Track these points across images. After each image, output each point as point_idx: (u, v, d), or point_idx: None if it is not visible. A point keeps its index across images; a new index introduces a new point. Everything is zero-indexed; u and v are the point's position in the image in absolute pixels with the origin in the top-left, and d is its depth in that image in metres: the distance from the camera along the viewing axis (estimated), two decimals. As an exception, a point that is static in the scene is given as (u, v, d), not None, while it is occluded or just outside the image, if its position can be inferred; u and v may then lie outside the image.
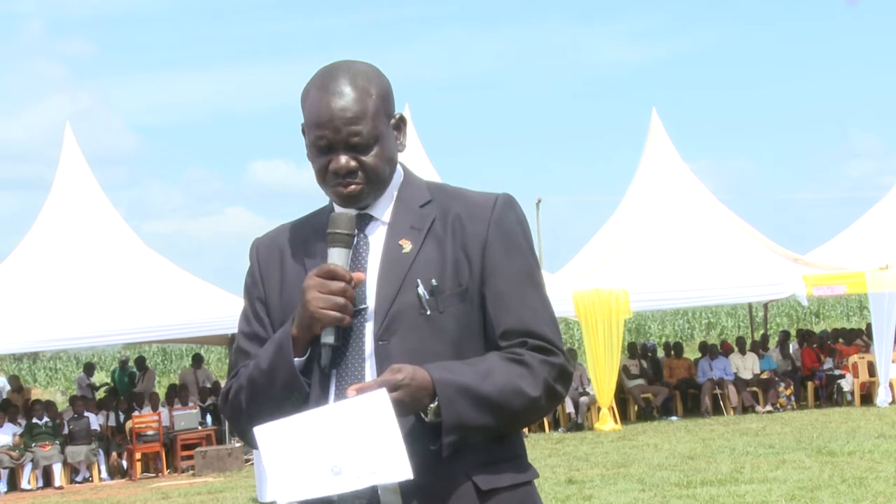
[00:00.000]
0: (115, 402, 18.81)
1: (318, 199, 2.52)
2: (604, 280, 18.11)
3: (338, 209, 2.41)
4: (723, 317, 46.28)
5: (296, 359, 2.30)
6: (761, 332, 25.20)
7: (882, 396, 18.30)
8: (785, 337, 22.68)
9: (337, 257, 2.33)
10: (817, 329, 28.93)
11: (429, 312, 2.30)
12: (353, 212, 2.38)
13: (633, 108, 76.75)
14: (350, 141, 2.33)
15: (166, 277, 17.75)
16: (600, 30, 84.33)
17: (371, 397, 2.14)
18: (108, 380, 23.12)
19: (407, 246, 2.36)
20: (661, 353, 22.20)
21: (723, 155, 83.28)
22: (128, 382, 21.37)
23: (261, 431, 2.18)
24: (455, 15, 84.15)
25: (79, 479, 16.99)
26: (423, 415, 2.22)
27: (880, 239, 20.83)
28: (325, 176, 2.37)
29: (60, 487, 16.46)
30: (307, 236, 2.44)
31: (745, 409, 19.20)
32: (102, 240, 17.84)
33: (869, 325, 20.08)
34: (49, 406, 18.05)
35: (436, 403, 2.22)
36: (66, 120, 19.68)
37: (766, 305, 27.26)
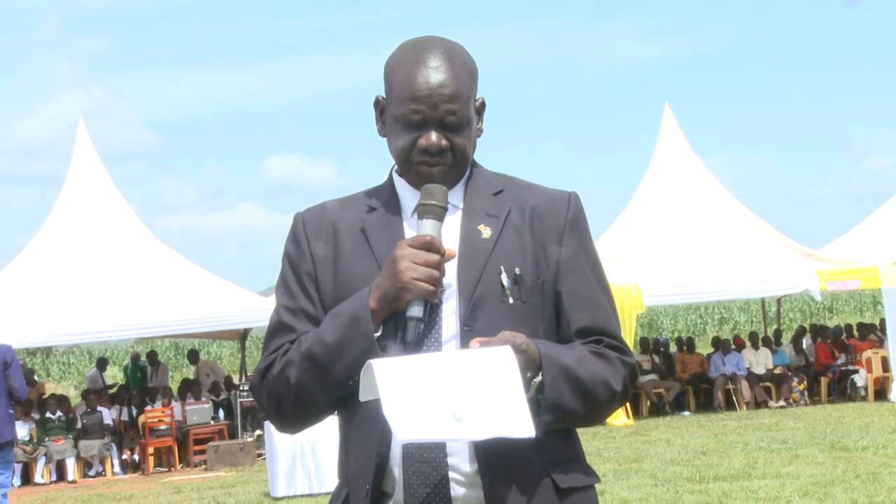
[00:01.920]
0: (127, 397, 18.86)
1: (333, 194, 2.48)
2: (616, 275, 18.05)
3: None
4: (736, 312, 46.15)
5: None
6: (774, 327, 25.13)
7: (896, 391, 18.23)
8: (801, 332, 22.61)
9: (431, 229, 2.24)
10: (830, 324, 28.81)
11: (511, 301, 2.26)
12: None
13: (645, 103, 76.65)
14: (446, 119, 2.28)
15: (178, 273, 17.77)
16: (613, 26, 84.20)
17: (497, 352, 2.10)
18: (121, 376, 23.18)
19: (486, 232, 2.31)
20: (673, 348, 22.15)
21: (736, 150, 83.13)
22: (140, 377, 21.43)
23: (378, 365, 2.06)
24: (469, 12, 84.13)
25: (92, 473, 17.05)
26: None
27: (894, 234, 20.76)
28: (410, 153, 2.30)
29: (73, 482, 16.52)
30: (369, 211, 2.36)
31: (758, 405, 19.15)
32: (115, 235, 17.87)
33: (882, 321, 20.01)
34: (62, 400, 18.12)
35: (539, 378, 2.19)
36: (80, 115, 19.70)
37: (779, 300, 27.16)
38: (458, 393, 2.04)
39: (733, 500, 9.80)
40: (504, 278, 2.26)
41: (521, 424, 2.04)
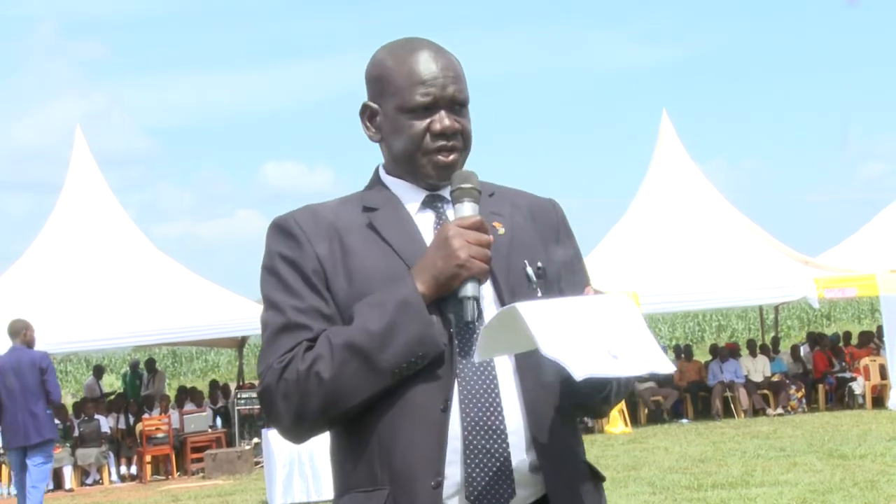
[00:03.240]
0: (125, 405, 18.83)
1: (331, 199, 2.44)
2: (614, 282, 18.05)
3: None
4: (733, 319, 46.18)
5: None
6: (772, 334, 25.13)
7: (894, 399, 18.21)
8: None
9: (472, 211, 2.24)
10: (828, 332, 28.84)
11: (539, 293, 2.26)
12: None
13: (643, 110, 76.73)
14: (456, 97, 2.30)
15: (176, 280, 17.77)
16: (610, 31, 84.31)
17: (618, 298, 2.14)
18: (119, 384, 23.10)
19: (501, 229, 2.32)
20: (671, 356, 22.16)
21: (733, 157, 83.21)
22: (138, 385, 21.40)
23: (524, 308, 2.02)
24: (465, 16, 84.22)
25: (89, 481, 17.03)
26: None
27: (892, 241, 20.78)
28: (423, 140, 2.30)
29: (71, 490, 16.48)
30: (366, 210, 2.33)
31: (756, 412, 19.14)
32: (113, 242, 17.87)
33: (880, 328, 20.01)
34: (59, 408, 18.07)
35: None
36: (77, 122, 19.70)
37: (776, 308, 27.18)
38: (604, 332, 2.04)
39: (731, 508, 9.78)
40: (529, 271, 2.29)
41: (664, 361, 2.07)
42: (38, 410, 10.43)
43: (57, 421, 17.08)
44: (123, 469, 17.49)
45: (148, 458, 16.97)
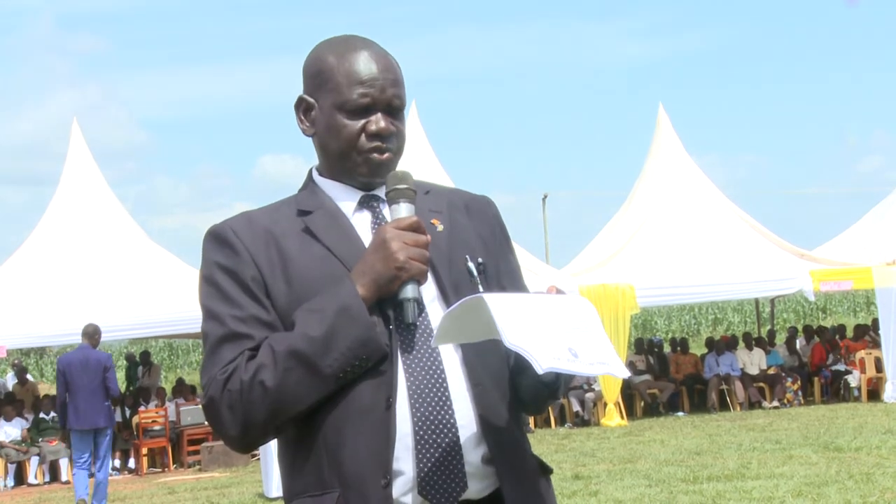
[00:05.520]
0: (121, 398, 18.81)
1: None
2: (610, 275, 18.08)
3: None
4: (729, 312, 46.22)
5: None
6: (768, 327, 25.17)
7: (889, 392, 18.25)
8: (794, 332, 22.63)
9: (408, 212, 2.23)
10: (825, 324, 28.87)
11: (481, 288, 2.26)
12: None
13: (639, 104, 76.75)
14: (393, 102, 2.29)
15: (173, 273, 17.75)
16: (607, 26, 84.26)
17: (581, 300, 2.17)
18: (121, 376, 23.11)
19: (439, 226, 2.32)
20: (667, 349, 22.19)
21: (729, 150, 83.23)
22: (135, 377, 21.38)
23: (490, 298, 2.02)
24: (462, 12, 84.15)
25: (85, 473, 17.00)
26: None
27: (887, 234, 20.81)
28: (358, 140, 2.28)
29: (67, 482, 16.46)
30: (301, 215, 2.31)
31: (752, 405, 19.18)
32: (109, 235, 17.86)
33: (875, 321, 20.04)
34: (56, 401, 18.06)
35: None
36: (74, 115, 19.68)
37: (772, 301, 27.22)
38: (566, 330, 2.06)
39: (727, 501, 9.81)
40: (471, 266, 2.29)
41: (620, 365, 2.08)
42: (99, 401, 12.27)
43: (53, 413, 17.19)
44: (120, 461, 17.48)
45: (144, 450, 16.97)
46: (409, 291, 2.17)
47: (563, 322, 2.07)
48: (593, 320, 2.12)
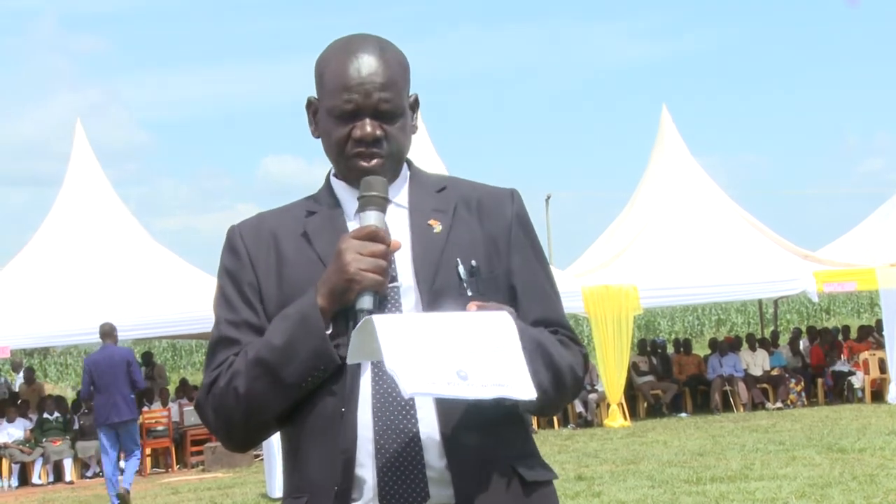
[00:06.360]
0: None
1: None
2: (613, 276, 18.08)
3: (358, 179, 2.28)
4: (733, 313, 46.18)
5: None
6: (771, 328, 25.15)
7: (893, 393, 18.24)
8: (798, 333, 22.61)
9: (374, 220, 2.19)
10: (829, 325, 28.85)
11: (470, 293, 2.22)
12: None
13: (643, 105, 76.75)
14: (380, 107, 2.24)
15: (176, 273, 17.76)
16: (610, 27, 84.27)
17: (497, 315, 2.09)
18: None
19: (437, 227, 2.29)
20: (670, 350, 22.18)
21: (733, 151, 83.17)
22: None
23: (379, 320, 2.00)
24: (465, 13, 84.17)
25: (89, 474, 17.03)
26: None
27: (891, 235, 20.78)
28: (345, 146, 2.26)
29: (71, 482, 16.51)
30: (308, 216, 2.32)
31: (755, 406, 19.17)
32: (113, 236, 17.87)
33: (879, 322, 20.02)
34: (59, 401, 18.10)
35: None
36: (77, 116, 19.69)
37: (776, 302, 27.20)
38: (461, 351, 2.01)
39: (730, 502, 9.80)
40: (461, 270, 2.25)
41: (523, 386, 2.03)
42: (125, 394, 12.90)
43: (57, 413, 17.25)
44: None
45: (148, 450, 16.97)
46: (364, 302, 2.14)
47: (463, 343, 2.02)
48: (509, 339, 2.06)
